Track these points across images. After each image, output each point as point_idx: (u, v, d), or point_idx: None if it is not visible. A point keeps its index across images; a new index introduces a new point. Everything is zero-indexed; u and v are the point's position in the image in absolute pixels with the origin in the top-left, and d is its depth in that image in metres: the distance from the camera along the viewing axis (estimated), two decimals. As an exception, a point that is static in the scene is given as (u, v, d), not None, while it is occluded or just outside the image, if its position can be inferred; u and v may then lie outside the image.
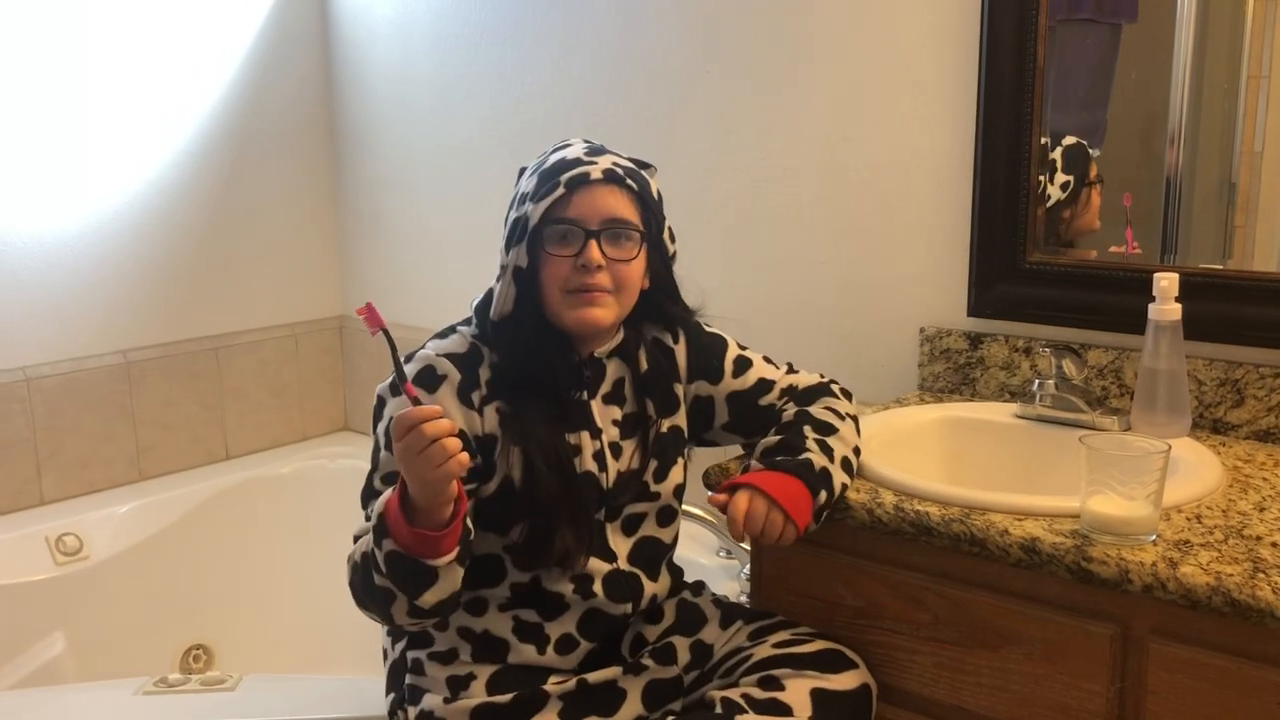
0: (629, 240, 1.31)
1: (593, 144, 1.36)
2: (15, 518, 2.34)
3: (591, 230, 1.28)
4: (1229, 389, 1.56)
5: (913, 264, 1.87)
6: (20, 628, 2.21)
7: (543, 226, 1.29)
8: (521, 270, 1.31)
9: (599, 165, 1.30)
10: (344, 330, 2.95)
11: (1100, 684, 1.21)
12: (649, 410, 1.40)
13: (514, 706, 1.31)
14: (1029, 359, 1.74)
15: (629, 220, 1.31)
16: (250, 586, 2.57)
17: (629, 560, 1.38)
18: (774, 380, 1.48)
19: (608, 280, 1.29)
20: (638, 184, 1.32)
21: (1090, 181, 1.72)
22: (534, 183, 1.31)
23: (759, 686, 1.31)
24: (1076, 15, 1.69)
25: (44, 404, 2.40)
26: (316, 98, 2.83)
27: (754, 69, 2.01)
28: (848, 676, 1.34)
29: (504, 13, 2.42)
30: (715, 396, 1.46)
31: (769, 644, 1.38)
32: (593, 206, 1.28)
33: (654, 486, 1.40)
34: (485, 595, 1.35)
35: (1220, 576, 1.10)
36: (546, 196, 1.28)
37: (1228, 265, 1.59)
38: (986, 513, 1.28)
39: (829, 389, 1.48)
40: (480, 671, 1.34)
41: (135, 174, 2.51)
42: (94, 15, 2.40)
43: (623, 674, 1.37)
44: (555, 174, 1.30)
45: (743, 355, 1.48)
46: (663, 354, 1.43)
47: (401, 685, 1.38)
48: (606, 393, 1.38)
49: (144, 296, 2.55)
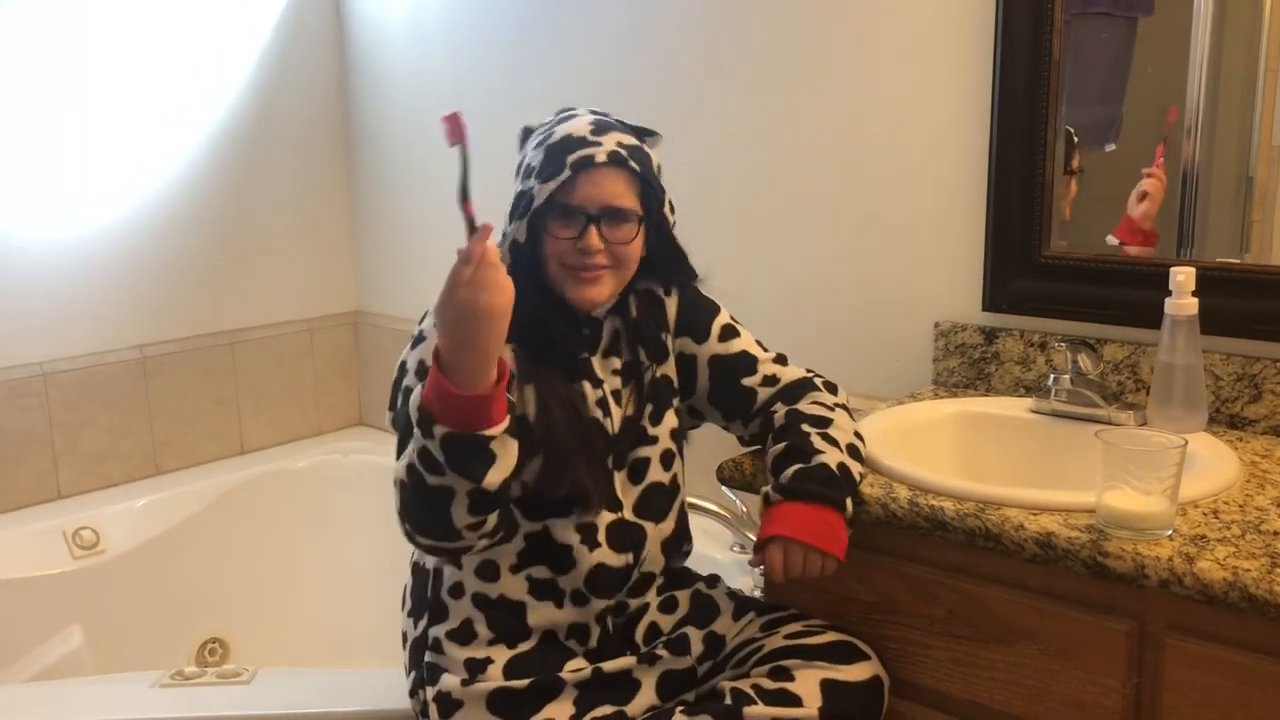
0: (627, 223, 1.34)
1: (599, 117, 1.37)
2: (33, 512, 2.36)
3: (592, 215, 1.31)
4: (1246, 384, 1.55)
5: (927, 259, 1.87)
6: (38, 621, 2.22)
7: (547, 208, 1.32)
8: (519, 244, 1.34)
9: (604, 147, 1.32)
10: (359, 325, 2.95)
11: (1116, 680, 1.21)
12: (641, 357, 1.43)
13: (530, 692, 1.32)
14: (1044, 354, 1.73)
15: (628, 207, 1.33)
16: (266, 580, 2.58)
17: (634, 510, 1.40)
18: (757, 359, 1.49)
19: (605, 260, 1.33)
20: (640, 165, 1.34)
21: (1072, 171, 1.71)
22: (540, 158, 1.33)
23: (769, 677, 1.32)
24: (1092, 9, 1.68)
25: (61, 399, 2.41)
26: (331, 97, 2.84)
27: (769, 65, 2.01)
28: (859, 668, 1.34)
29: (516, 13, 2.42)
30: (698, 356, 1.48)
31: (780, 635, 1.39)
32: (595, 192, 1.31)
33: (651, 430, 1.42)
34: (495, 559, 1.35)
35: (1237, 572, 1.09)
36: (552, 178, 1.31)
37: (1245, 259, 1.58)
38: (1001, 508, 1.28)
39: (812, 383, 1.49)
40: (498, 655, 1.34)
41: (152, 172, 2.52)
42: (111, 17, 2.41)
43: (637, 664, 1.37)
44: (561, 153, 1.31)
45: (731, 325, 1.50)
46: (652, 303, 1.46)
47: (421, 663, 1.39)
48: (605, 347, 1.42)
49: (160, 292, 2.57)
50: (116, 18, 2.42)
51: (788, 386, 1.48)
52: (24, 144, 2.32)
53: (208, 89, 2.60)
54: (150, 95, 2.50)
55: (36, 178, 2.35)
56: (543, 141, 1.35)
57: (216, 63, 2.60)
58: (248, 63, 2.66)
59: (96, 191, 2.44)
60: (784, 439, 1.39)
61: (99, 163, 2.43)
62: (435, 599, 1.39)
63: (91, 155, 2.42)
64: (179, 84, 2.54)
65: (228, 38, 2.62)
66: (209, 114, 2.61)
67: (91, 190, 2.43)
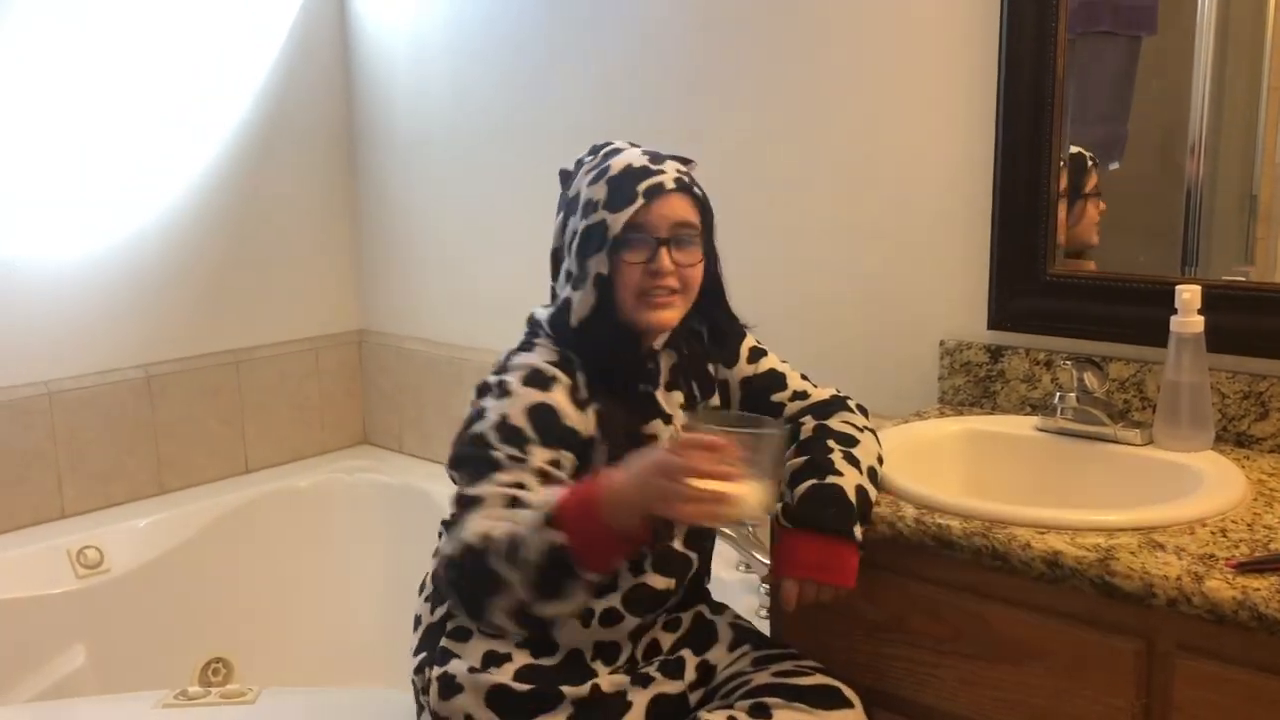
0: (693, 245, 1.36)
1: (646, 148, 1.40)
2: (37, 531, 2.36)
3: (662, 238, 1.33)
4: (1253, 402, 1.55)
5: (933, 277, 1.87)
6: (41, 641, 2.21)
7: (623, 235, 1.33)
8: (603, 276, 1.34)
9: (668, 174, 1.35)
10: (363, 344, 2.96)
11: (1125, 700, 1.20)
12: (695, 392, 1.46)
13: (529, 698, 1.32)
14: (1050, 372, 1.73)
15: (694, 226, 1.36)
16: (270, 600, 2.57)
17: (685, 541, 1.41)
18: (786, 376, 1.51)
19: (676, 283, 1.34)
20: (701, 190, 1.38)
21: (1087, 194, 1.72)
22: (604, 190, 1.34)
23: (748, 713, 1.32)
24: (1096, 28, 1.68)
25: (65, 418, 2.41)
26: (336, 116, 2.85)
27: (770, 83, 2.01)
28: (839, 715, 1.33)
29: (520, 30, 2.43)
30: (730, 380, 1.50)
31: (769, 672, 1.39)
32: (664, 215, 1.33)
33: None
34: None
35: (1246, 591, 1.09)
36: (626, 206, 1.32)
37: (1250, 277, 1.58)
38: (1008, 526, 1.28)
39: (844, 403, 1.50)
40: (519, 657, 1.34)
41: (157, 191, 2.53)
42: (115, 39, 2.43)
43: (630, 684, 1.37)
44: (629, 182, 1.33)
45: (758, 347, 1.53)
46: (694, 338, 1.48)
47: (435, 646, 1.39)
48: (667, 381, 1.43)
49: (165, 311, 2.57)
50: (121, 40, 2.44)
51: (820, 403, 1.49)
52: (30, 165, 2.33)
53: (212, 110, 2.61)
54: (155, 116, 2.51)
55: (42, 199, 2.35)
56: (599, 176, 1.35)
57: (222, 83, 2.62)
58: (253, 83, 2.67)
59: (101, 212, 2.45)
60: (806, 452, 1.39)
61: (104, 183, 2.44)
62: None
63: (96, 176, 2.43)
64: (183, 105, 2.55)
65: (233, 59, 2.63)
66: (214, 136, 2.62)
67: (96, 211, 2.44)
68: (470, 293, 2.66)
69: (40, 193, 2.35)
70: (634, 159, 1.36)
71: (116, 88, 2.44)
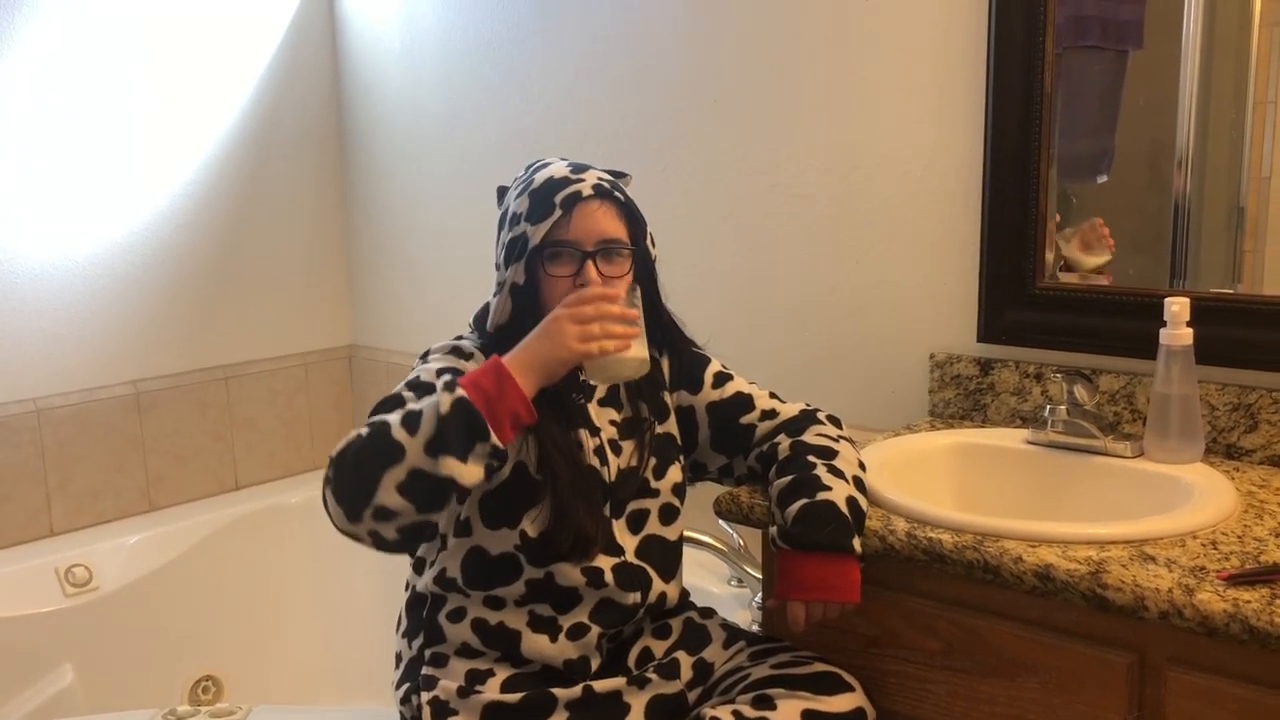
0: (620, 257, 1.37)
1: (573, 161, 1.42)
2: (25, 549, 2.34)
3: (587, 251, 1.34)
4: (1242, 414, 1.56)
5: (922, 290, 1.87)
6: (29, 659, 2.20)
7: (542, 247, 1.35)
8: (519, 286, 1.37)
9: (586, 181, 1.36)
10: (354, 360, 2.95)
11: (1117, 713, 1.20)
12: (643, 413, 1.45)
13: (524, 707, 1.32)
14: (1040, 385, 1.73)
15: (620, 239, 1.37)
16: (260, 617, 2.56)
17: (636, 554, 1.40)
18: (753, 397, 1.51)
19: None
20: (624, 196, 1.39)
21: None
22: (526, 203, 1.37)
23: (752, 705, 1.32)
24: (1083, 42, 1.69)
25: (54, 434, 2.40)
26: (326, 130, 2.85)
27: (762, 97, 2.02)
28: (842, 699, 1.33)
29: (512, 41, 2.44)
30: (695, 406, 1.50)
31: (767, 665, 1.39)
32: (588, 227, 1.35)
33: (654, 483, 1.43)
34: (502, 594, 1.36)
35: (1238, 603, 1.09)
36: (545, 219, 1.34)
37: (1238, 290, 1.59)
38: (1000, 540, 1.27)
39: (814, 417, 1.49)
40: (500, 670, 1.35)
41: (145, 205, 2.53)
42: (103, 50, 2.43)
43: (627, 685, 1.37)
44: (548, 194, 1.35)
45: (723, 372, 1.53)
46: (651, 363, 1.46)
47: (417, 676, 1.39)
48: (601, 397, 1.43)
49: (154, 327, 2.56)
50: (107, 55, 2.44)
51: (791, 419, 1.48)
52: (15, 178, 2.32)
53: (201, 124, 2.61)
54: (143, 130, 2.50)
55: (28, 212, 2.35)
56: (524, 189, 1.38)
57: (211, 96, 2.62)
58: (242, 98, 2.67)
59: (89, 226, 2.44)
60: (790, 471, 1.39)
61: (92, 198, 2.44)
62: (432, 623, 1.40)
63: (84, 190, 2.43)
64: (172, 119, 2.55)
65: (223, 71, 2.63)
66: (203, 149, 2.62)
67: (84, 225, 2.43)
68: (460, 309, 2.64)
69: (27, 208, 2.34)
70: (556, 171, 1.38)
71: (105, 102, 2.43)
